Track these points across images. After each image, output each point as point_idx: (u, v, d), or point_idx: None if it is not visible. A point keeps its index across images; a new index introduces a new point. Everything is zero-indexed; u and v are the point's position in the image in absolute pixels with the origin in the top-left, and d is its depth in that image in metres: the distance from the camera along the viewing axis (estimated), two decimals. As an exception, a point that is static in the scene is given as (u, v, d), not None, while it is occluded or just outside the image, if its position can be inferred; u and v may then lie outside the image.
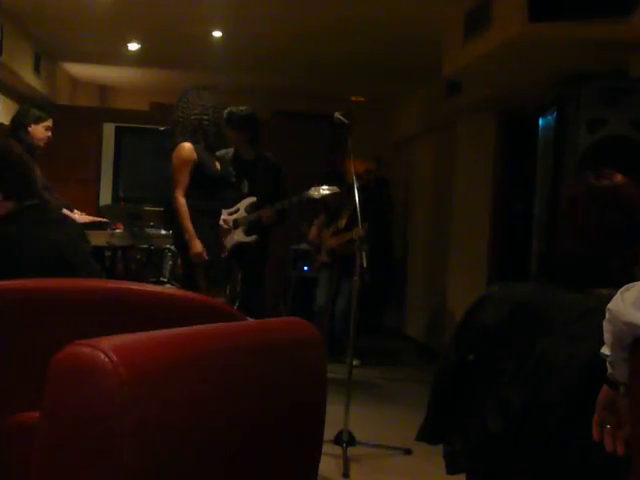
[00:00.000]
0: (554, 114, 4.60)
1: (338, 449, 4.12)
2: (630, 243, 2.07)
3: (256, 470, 1.35)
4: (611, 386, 1.61)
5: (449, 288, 7.30)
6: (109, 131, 8.76)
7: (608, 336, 1.57)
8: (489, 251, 6.70)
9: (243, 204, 5.56)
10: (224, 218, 5.18)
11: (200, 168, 4.56)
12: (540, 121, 4.91)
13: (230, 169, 5.08)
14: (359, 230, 4.27)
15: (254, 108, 5.80)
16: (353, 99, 9.11)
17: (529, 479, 2.05)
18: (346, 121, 4.44)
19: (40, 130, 4.99)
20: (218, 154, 4.95)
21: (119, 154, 8.81)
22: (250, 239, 5.52)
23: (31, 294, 2.15)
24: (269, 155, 5.83)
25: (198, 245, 4.51)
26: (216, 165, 4.70)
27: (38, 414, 1.08)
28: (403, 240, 9.12)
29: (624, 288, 1.52)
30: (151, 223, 5.98)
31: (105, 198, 8.62)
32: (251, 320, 2.24)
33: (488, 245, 6.71)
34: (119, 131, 8.79)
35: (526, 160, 5.70)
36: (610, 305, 1.54)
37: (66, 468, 1.05)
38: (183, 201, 4.52)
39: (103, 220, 5.63)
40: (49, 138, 5.05)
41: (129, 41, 7.12)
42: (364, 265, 4.19)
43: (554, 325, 2.01)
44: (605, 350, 1.59)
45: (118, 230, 5.60)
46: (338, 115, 4.45)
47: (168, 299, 2.24)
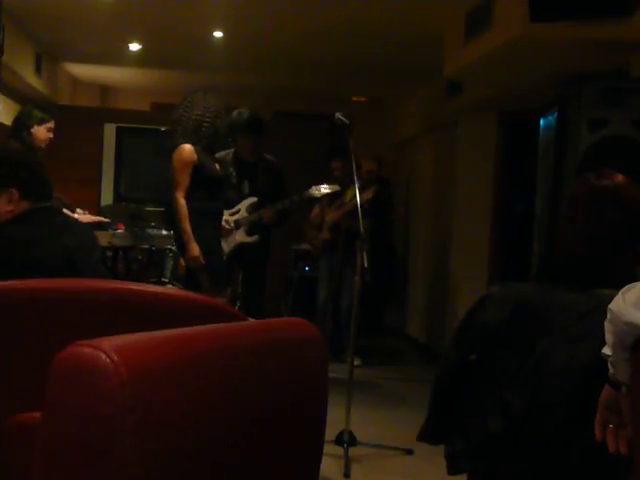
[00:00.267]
0: (555, 114, 4.60)
1: (339, 449, 4.12)
2: (631, 243, 2.07)
3: (257, 470, 1.35)
4: (613, 386, 1.61)
5: (450, 288, 7.30)
6: (110, 131, 8.75)
7: (609, 336, 1.57)
8: (490, 251, 6.70)
9: (244, 205, 5.57)
10: (225, 219, 5.18)
11: (200, 169, 4.56)
12: (541, 121, 4.91)
13: (230, 170, 5.09)
14: (368, 193, 4.09)
15: (254, 108, 5.80)
16: (354, 99, 9.11)
17: (530, 479, 2.05)
18: (347, 121, 4.44)
19: (42, 132, 4.97)
20: (218, 155, 4.95)
21: (120, 154, 8.81)
22: (252, 239, 5.53)
23: (33, 294, 2.15)
24: (269, 157, 5.84)
25: (195, 249, 4.51)
26: (216, 166, 4.70)
27: (39, 414, 1.08)
28: (404, 240, 9.12)
29: (625, 288, 1.52)
30: (152, 223, 5.98)
31: (106, 198, 8.62)
32: (252, 320, 2.23)
33: (489, 245, 6.71)
34: (120, 131, 8.78)
35: (527, 160, 5.70)
36: (611, 305, 1.54)
37: (67, 468, 1.05)
38: (183, 202, 4.52)
39: (105, 220, 5.63)
40: (51, 139, 5.04)
41: (130, 41, 7.12)
42: (365, 265, 4.19)
43: (555, 325, 2.01)
44: (606, 350, 1.59)
45: (119, 230, 5.61)
46: (339, 115, 4.44)
47: (169, 299, 2.24)
